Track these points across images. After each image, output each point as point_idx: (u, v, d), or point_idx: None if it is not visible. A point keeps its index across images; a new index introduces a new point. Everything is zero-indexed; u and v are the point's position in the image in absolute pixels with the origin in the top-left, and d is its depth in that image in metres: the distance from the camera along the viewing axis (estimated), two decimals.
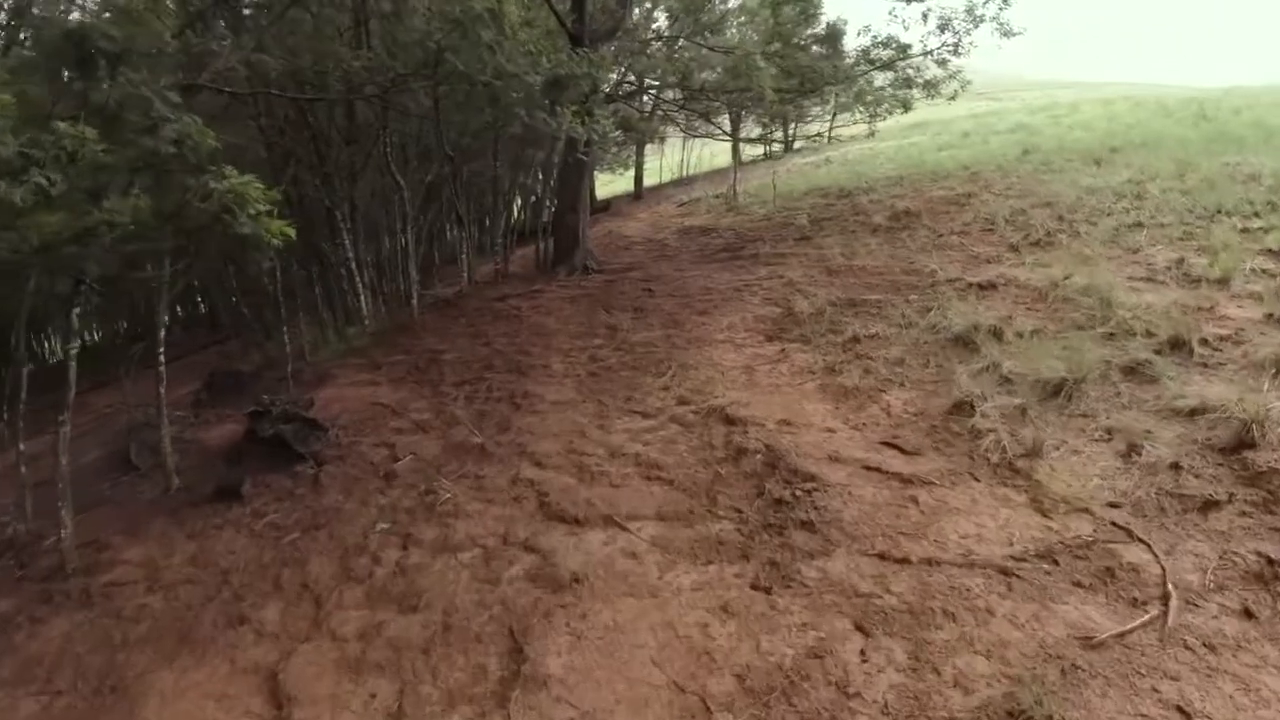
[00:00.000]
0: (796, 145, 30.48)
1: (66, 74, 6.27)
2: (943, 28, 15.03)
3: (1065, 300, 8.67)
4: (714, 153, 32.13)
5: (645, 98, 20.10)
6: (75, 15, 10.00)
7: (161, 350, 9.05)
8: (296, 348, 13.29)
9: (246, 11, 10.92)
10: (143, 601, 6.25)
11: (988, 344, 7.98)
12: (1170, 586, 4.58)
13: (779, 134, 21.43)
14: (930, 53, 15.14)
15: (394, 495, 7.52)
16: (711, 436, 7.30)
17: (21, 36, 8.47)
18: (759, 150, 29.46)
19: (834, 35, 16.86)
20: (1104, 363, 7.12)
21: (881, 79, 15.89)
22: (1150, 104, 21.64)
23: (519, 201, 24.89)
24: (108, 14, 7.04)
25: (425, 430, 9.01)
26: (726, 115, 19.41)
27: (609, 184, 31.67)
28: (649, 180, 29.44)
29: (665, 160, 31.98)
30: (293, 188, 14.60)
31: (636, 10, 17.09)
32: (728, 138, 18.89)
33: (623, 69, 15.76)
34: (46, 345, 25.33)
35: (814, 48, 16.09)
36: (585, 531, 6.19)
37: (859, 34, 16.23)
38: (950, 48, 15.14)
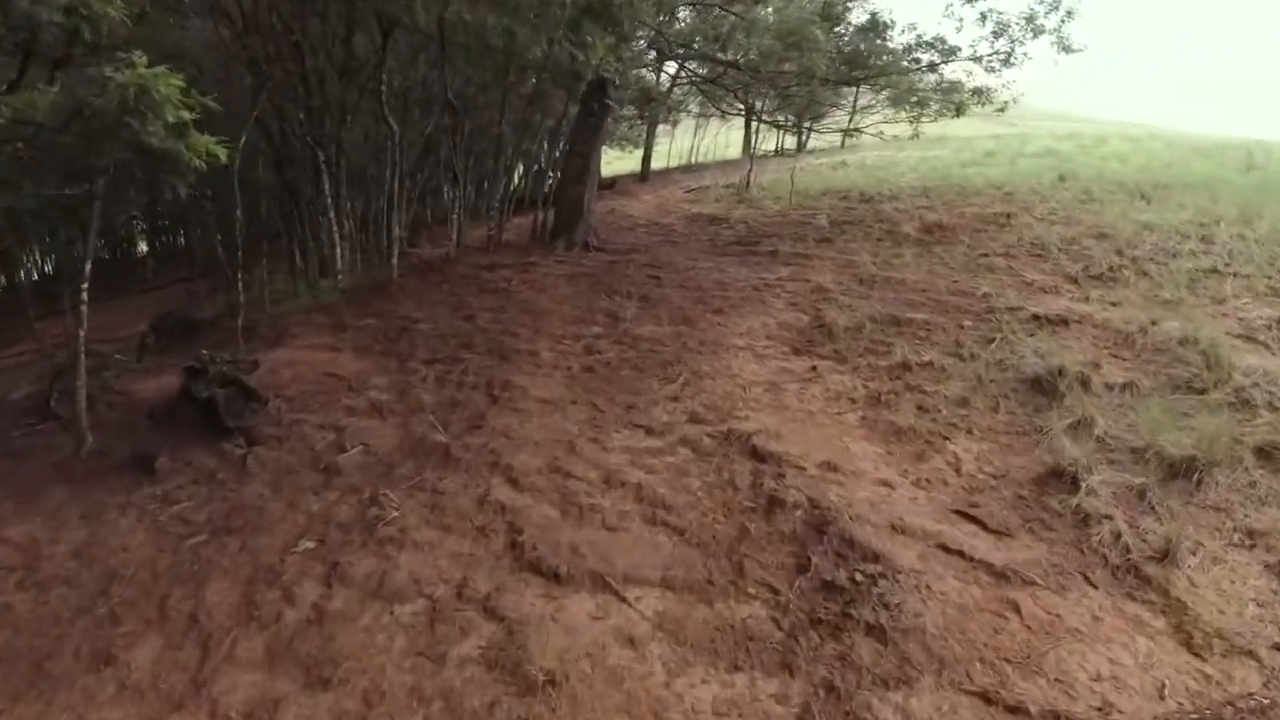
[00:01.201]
0: (810, 145, 28.79)
1: None
2: (998, 34, 13.29)
3: (1158, 350, 6.98)
4: (726, 143, 30.36)
5: (672, 66, 18.23)
6: None
7: (85, 285, 7.19)
8: (255, 297, 11.43)
9: None
10: (8, 600, 4.74)
11: (1073, 394, 6.28)
12: None
13: (808, 124, 19.68)
14: (980, 59, 13.40)
15: (329, 500, 5.76)
16: (734, 473, 5.57)
17: None
18: (770, 146, 27.72)
19: (877, 26, 14.98)
20: (1233, 441, 5.43)
21: (925, 82, 14.12)
22: (1183, 145, 20.04)
23: (520, 168, 23.07)
24: None
25: (383, 415, 7.23)
26: (754, 97, 17.35)
27: (613, 163, 29.80)
28: (656, 164, 27.58)
29: (675, 145, 30.13)
30: (276, 121, 12.73)
31: None
32: (762, 120, 16.94)
33: (651, 31, 13.84)
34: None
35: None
36: (568, 595, 4.45)
37: (903, 31, 14.52)
38: (1002, 56, 13.39)
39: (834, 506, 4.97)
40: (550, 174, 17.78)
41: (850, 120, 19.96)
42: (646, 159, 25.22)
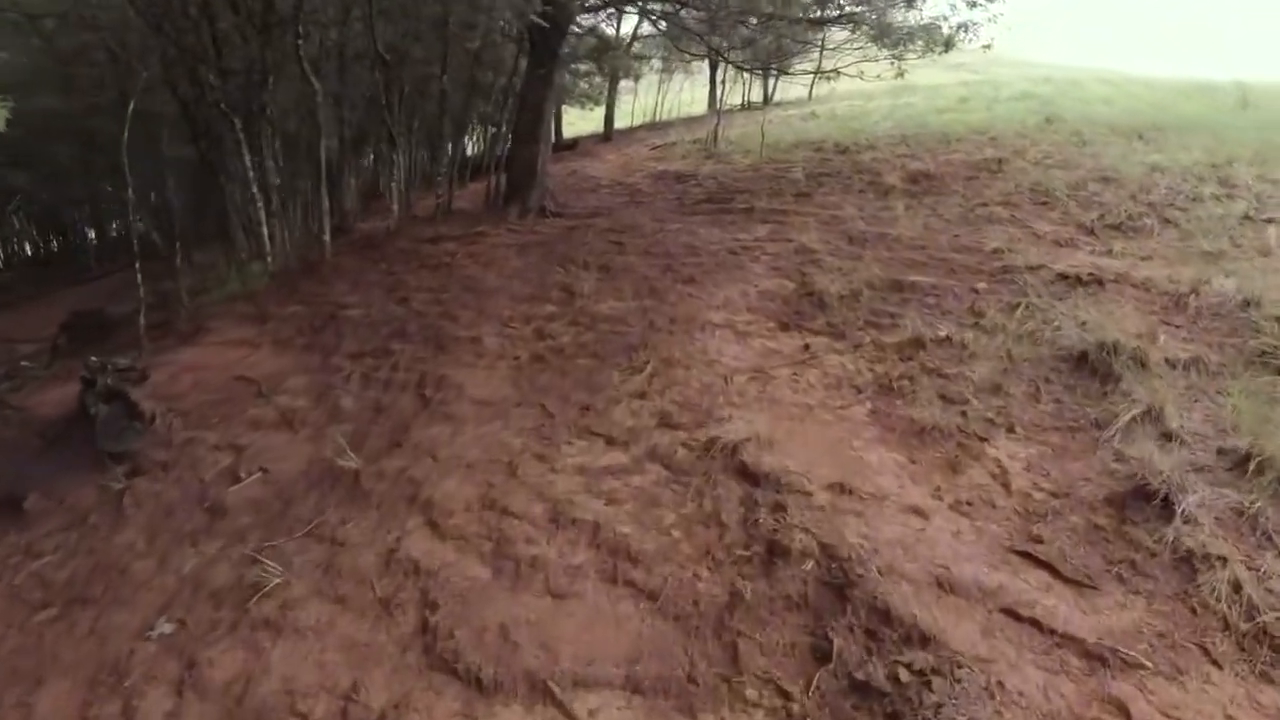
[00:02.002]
0: (778, 98, 27.11)
1: None
2: None
3: (1217, 316, 5.63)
4: (691, 99, 28.61)
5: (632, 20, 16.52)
6: None
7: None
8: (185, 286, 9.85)
9: None
10: None
11: (1130, 374, 4.92)
12: None
13: (776, 69, 18.09)
14: None
15: (208, 554, 4.38)
16: (719, 502, 4.17)
17: None
18: (736, 99, 26.03)
19: None
20: None
21: (905, 19, 12.57)
22: (1162, 87, 18.65)
23: (479, 132, 21.36)
24: None
25: (294, 426, 5.81)
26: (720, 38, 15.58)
27: (575, 123, 28.03)
28: (620, 123, 25.86)
29: (638, 103, 28.35)
30: (190, 86, 11.05)
31: None
32: (728, 62, 15.15)
33: None
34: None
35: None
36: (494, 709, 3.06)
37: None
38: None
39: (855, 553, 3.59)
40: (509, 134, 16.12)
41: (819, 64, 18.30)
42: (609, 118, 23.49)
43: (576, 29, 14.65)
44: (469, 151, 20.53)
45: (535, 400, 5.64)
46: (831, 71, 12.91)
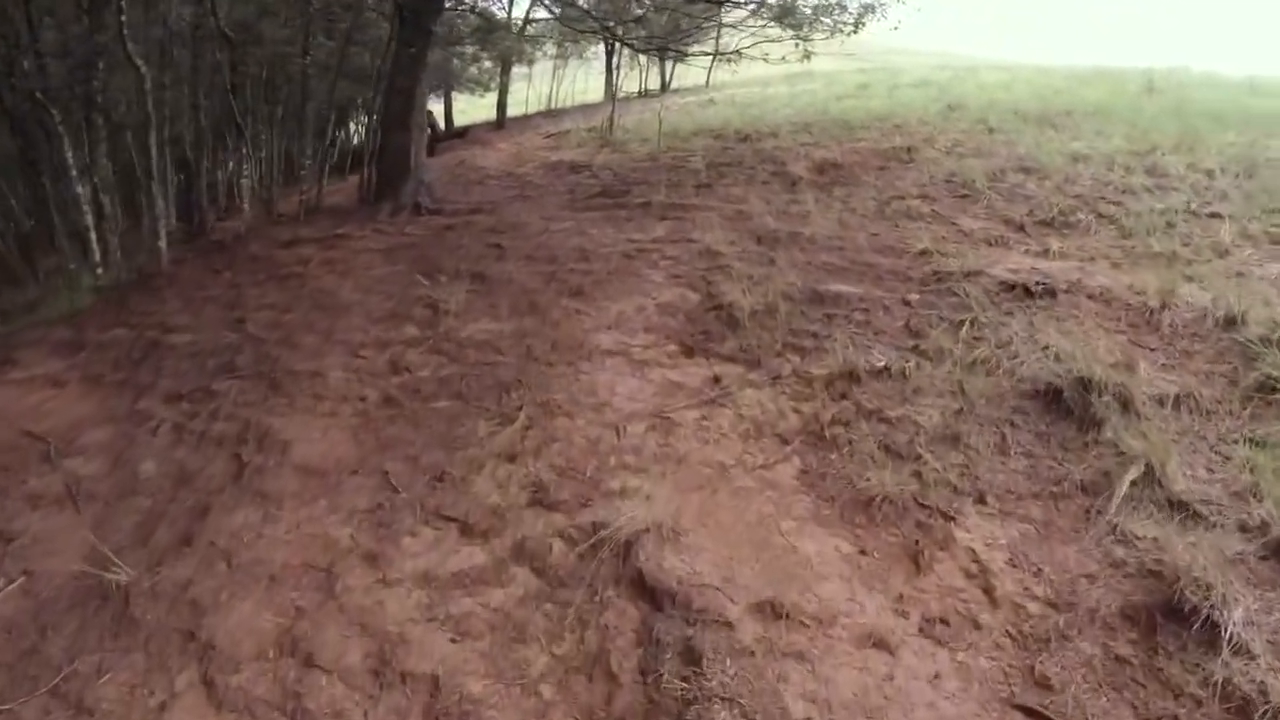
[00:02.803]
0: (675, 85, 25.90)
1: None
2: None
3: (1196, 336, 4.63)
4: (586, 88, 27.14)
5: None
6: None
7: None
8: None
9: None
10: None
11: (1112, 417, 3.85)
12: None
13: (674, 52, 16.92)
14: None
15: None
16: (608, 639, 2.90)
17: None
18: (633, 87, 24.72)
19: None
20: None
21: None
22: (1057, 74, 18.11)
23: (364, 120, 19.44)
24: None
25: (77, 505, 4.33)
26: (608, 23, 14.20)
27: (467, 111, 26.29)
28: (514, 110, 24.28)
29: (533, 90, 26.74)
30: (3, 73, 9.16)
31: None
32: (623, 42, 13.69)
33: None
34: None
35: None
36: None
37: None
38: None
39: None
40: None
41: (716, 45, 17.12)
42: (502, 105, 21.88)
43: (456, 5, 13.11)
44: (355, 141, 18.76)
45: (378, 464, 4.28)
46: (733, 53, 11.73)
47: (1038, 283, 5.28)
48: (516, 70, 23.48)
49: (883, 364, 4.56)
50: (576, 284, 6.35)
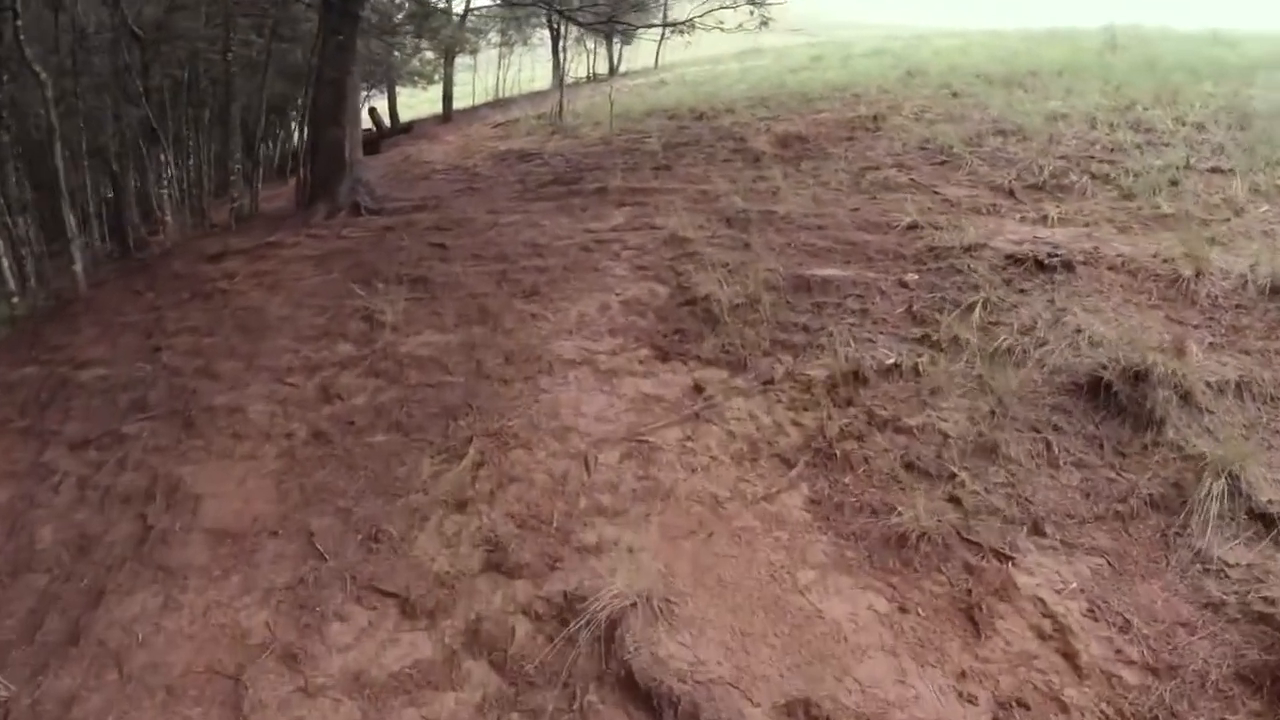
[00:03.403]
0: (623, 68, 25.03)
1: None
2: None
3: (1239, 307, 3.98)
4: (533, 77, 26.10)
5: None
6: None
7: None
8: None
9: None
10: None
11: (1174, 414, 3.19)
12: None
13: (622, 30, 16.13)
14: None
15: None
16: None
17: None
18: (581, 72, 23.82)
19: None
20: None
21: None
22: (1010, 36, 17.54)
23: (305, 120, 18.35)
24: None
25: None
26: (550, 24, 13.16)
27: (414, 106, 25.20)
28: (461, 102, 23.28)
29: (480, 81, 25.69)
30: None
31: None
32: (568, 19, 12.72)
33: None
34: None
35: None
36: None
37: None
38: None
39: None
40: None
41: (664, 14, 16.31)
42: (448, 97, 20.86)
43: None
44: (295, 142, 17.68)
45: (302, 522, 3.50)
46: (684, 24, 10.89)
47: (1050, 255, 4.59)
48: (461, 61, 22.49)
49: (891, 361, 3.85)
50: (530, 283, 5.57)
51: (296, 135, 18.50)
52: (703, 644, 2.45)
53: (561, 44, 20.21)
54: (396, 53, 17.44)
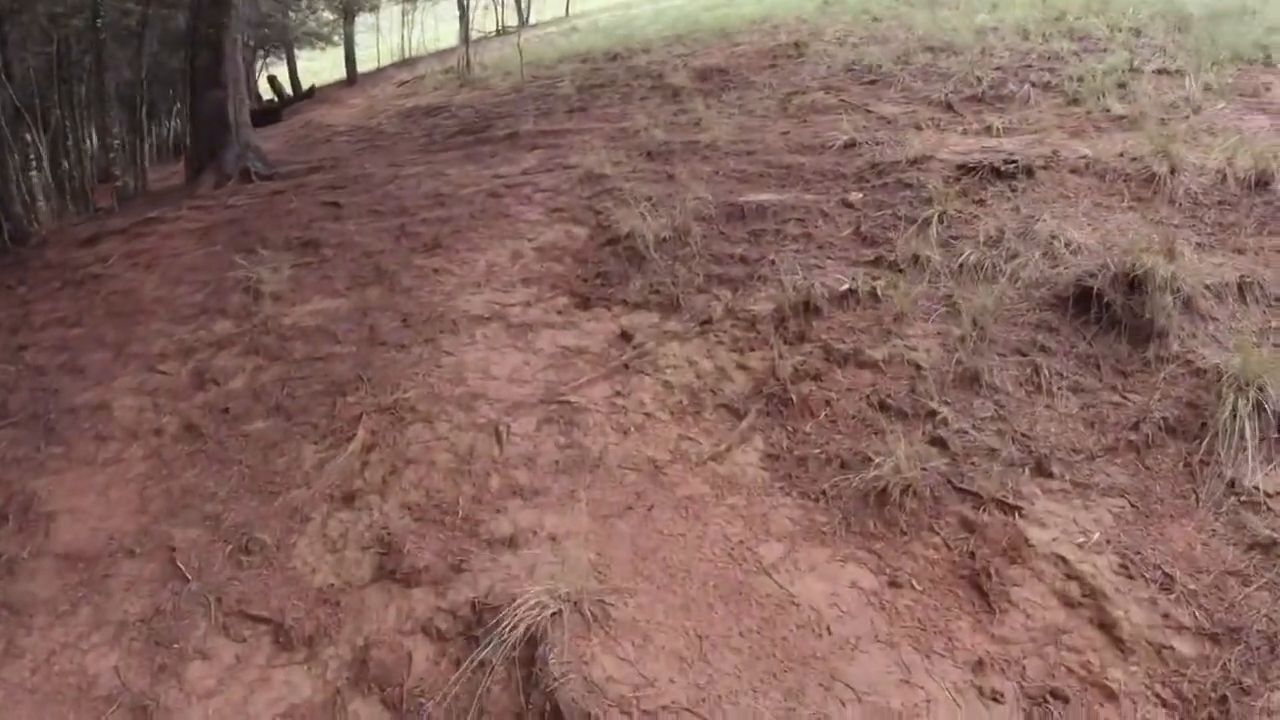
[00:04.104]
0: (533, 20, 23.96)
1: None
2: None
3: (1223, 203, 3.51)
4: (438, 37, 24.82)
5: None
6: None
7: None
8: None
9: None
10: None
11: (1176, 322, 2.70)
12: None
13: None
14: None
15: None
16: None
17: None
18: (491, 27, 22.67)
19: None
20: None
21: None
22: None
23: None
24: None
25: None
26: None
27: (319, 73, 23.80)
28: (366, 65, 22.02)
29: (384, 42, 24.33)
30: None
31: None
32: None
33: None
34: None
35: None
36: None
37: None
38: None
39: None
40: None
41: None
42: (350, 59, 19.66)
43: None
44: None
45: (165, 535, 2.83)
46: None
47: (1006, 161, 4.08)
48: (363, 21, 21.22)
49: (845, 287, 3.29)
50: (432, 236, 4.88)
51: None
52: (649, 657, 1.89)
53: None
54: (291, 13, 16.24)
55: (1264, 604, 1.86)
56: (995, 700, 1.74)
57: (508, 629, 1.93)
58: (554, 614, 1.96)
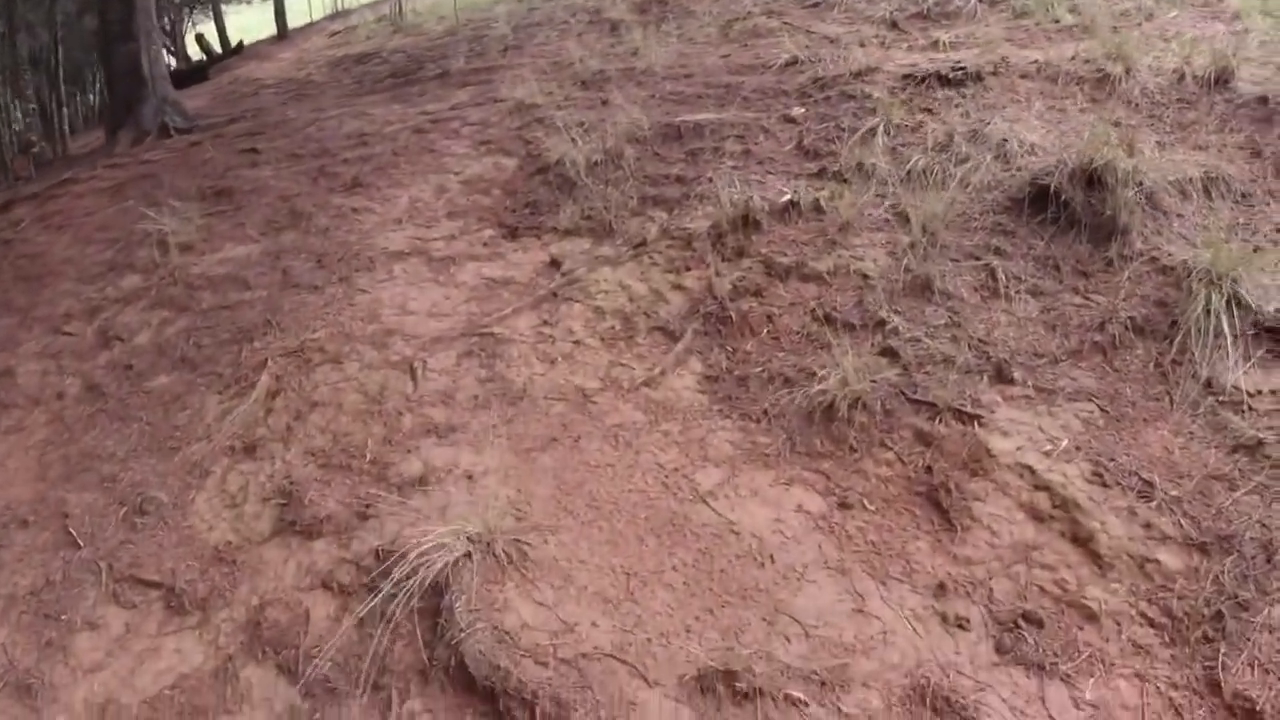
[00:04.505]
0: None
1: None
2: None
3: (1182, 101, 3.30)
4: None
5: None
6: None
7: None
8: None
9: None
10: None
11: (1140, 220, 2.49)
12: None
13: None
14: None
15: None
16: None
17: None
18: None
19: None
20: None
21: None
22: None
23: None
24: None
25: None
26: None
27: (246, 29, 22.76)
28: (298, 19, 21.06)
29: None
30: None
31: None
32: None
33: None
34: None
35: None
36: None
37: None
38: None
39: None
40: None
41: None
42: (280, 13, 18.76)
43: None
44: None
45: (60, 502, 2.53)
46: None
47: (954, 69, 3.82)
48: None
49: (787, 198, 3.03)
50: (352, 175, 4.53)
51: None
52: (570, 599, 1.64)
53: None
54: None
55: (1255, 509, 1.67)
56: (960, 627, 1.53)
57: (408, 577, 1.67)
58: (462, 556, 1.70)
